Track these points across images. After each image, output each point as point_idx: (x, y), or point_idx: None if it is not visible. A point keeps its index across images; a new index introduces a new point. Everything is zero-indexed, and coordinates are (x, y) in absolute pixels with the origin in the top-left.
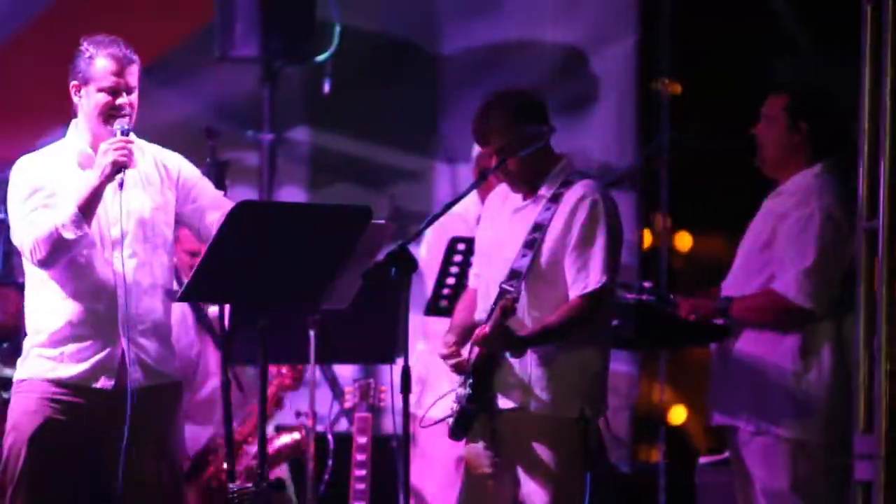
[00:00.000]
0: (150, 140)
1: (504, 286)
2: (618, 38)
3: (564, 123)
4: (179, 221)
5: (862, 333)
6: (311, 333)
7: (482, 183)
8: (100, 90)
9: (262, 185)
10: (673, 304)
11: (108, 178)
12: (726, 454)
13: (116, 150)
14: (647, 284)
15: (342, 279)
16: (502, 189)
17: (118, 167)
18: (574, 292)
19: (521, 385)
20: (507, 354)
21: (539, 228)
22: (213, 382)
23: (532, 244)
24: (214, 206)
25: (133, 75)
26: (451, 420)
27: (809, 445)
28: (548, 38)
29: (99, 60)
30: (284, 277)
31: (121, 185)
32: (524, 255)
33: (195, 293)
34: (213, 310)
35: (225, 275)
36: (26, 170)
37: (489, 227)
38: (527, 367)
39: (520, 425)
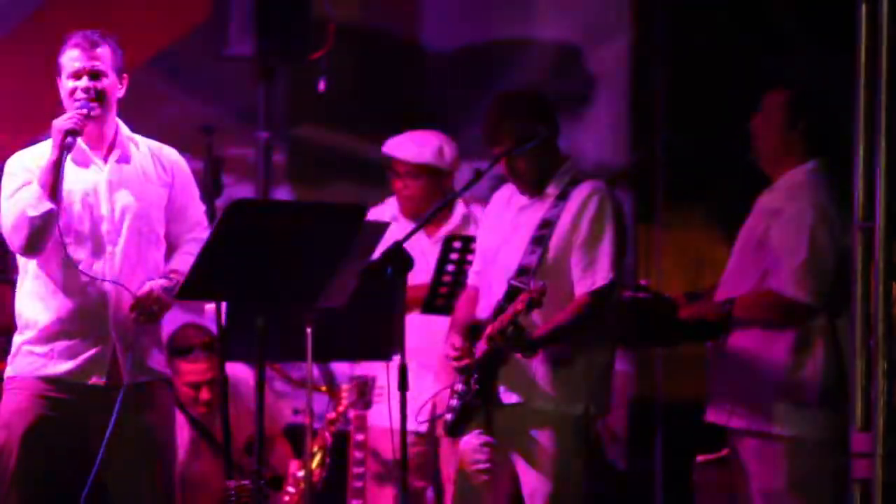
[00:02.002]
0: (151, 135)
1: (514, 283)
2: (613, 36)
3: (559, 122)
4: None
5: (859, 331)
6: (308, 331)
7: (477, 182)
8: (68, 77)
9: (258, 183)
10: (670, 303)
11: (62, 148)
12: (724, 452)
13: (66, 118)
14: (643, 282)
15: (338, 277)
16: (506, 189)
17: (67, 133)
18: (581, 289)
19: (525, 380)
20: (517, 354)
21: (547, 225)
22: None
23: (541, 240)
24: (186, 230)
25: (100, 59)
26: (449, 416)
27: (804, 443)
28: (543, 35)
29: (67, 50)
30: (281, 276)
31: (69, 148)
32: (533, 252)
33: (191, 291)
34: (209, 307)
35: (221, 273)
36: (16, 165)
37: (493, 227)
38: (532, 362)
39: (522, 420)
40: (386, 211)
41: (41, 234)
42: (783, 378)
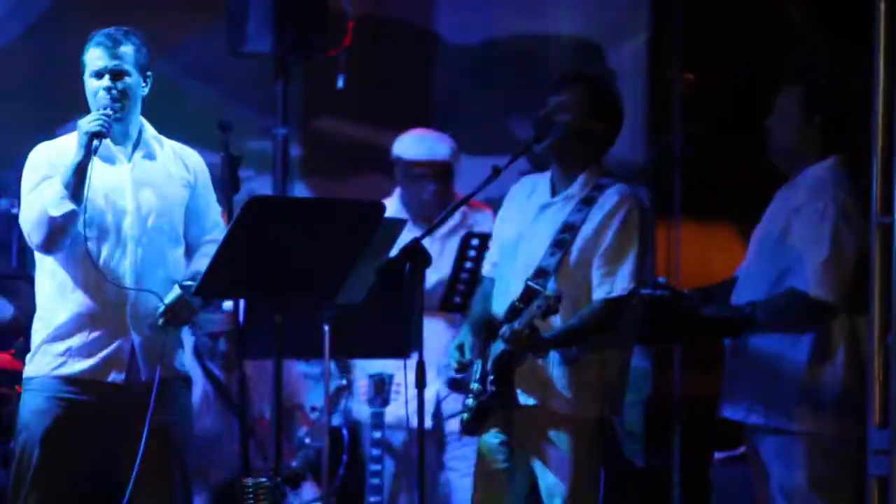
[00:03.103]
0: (171, 128)
1: (531, 284)
2: (631, 34)
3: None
4: None
5: (877, 328)
6: (326, 328)
7: (496, 178)
8: (91, 76)
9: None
10: (687, 300)
11: (87, 150)
12: (742, 449)
13: (92, 121)
14: (661, 280)
15: (356, 274)
16: (527, 183)
17: (93, 136)
18: (598, 295)
19: (542, 383)
20: (530, 354)
21: (570, 229)
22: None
23: (562, 244)
24: (204, 232)
25: (123, 58)
26: (465, 416)
27: (823, 440)
28: (563, 31)
29: (91, 48)
30: (298, 273)
31: (94, 151)
32: (553, 255)
33: (210, 288)
34: (227, 305)
35: (239, 270)
36: (39, 158)
37: (512, 220)
38: (548, 365)
39: (539, 422)
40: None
41: (61, 233)
42: (803, 375)
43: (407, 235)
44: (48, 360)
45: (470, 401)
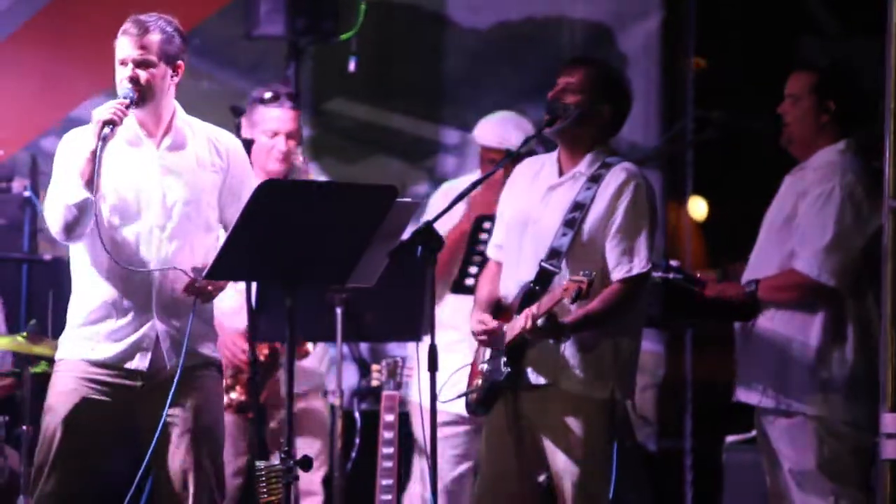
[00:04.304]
0: (184, 109)
1: (545, 265)
2: (643, 17)
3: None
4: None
5: (889, 311)
6: (338, 311)
7: (510, 160)
8: (118, 64)
9: None
10: (699, 283)
11: (99, 138)
12: (753, 433)
13: (104, 110)
14: (673, 263)
15: (368, 258)
16: (532, 163)
17: (105, 124)
18: (617, 275)
19: (553, 362)
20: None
21: (579, 207)
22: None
23: (572, 223)
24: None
25: (147, 47)
26: (474, 395)
27: (834, 424)
28: (575, 14)
29: (119, 36)
30: (311, 256)
31: (105, 139)
32: (564, 234)
33: (222, 271)
34: (239, 287)
35: (251, 253)
36: (64, 147)
37: (518, 202)
38: (561, 346)
39: (549, 402)
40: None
41: (77, 222)
42: (813, 359)
43: None
44: (77, 343)
45: (479, 381)
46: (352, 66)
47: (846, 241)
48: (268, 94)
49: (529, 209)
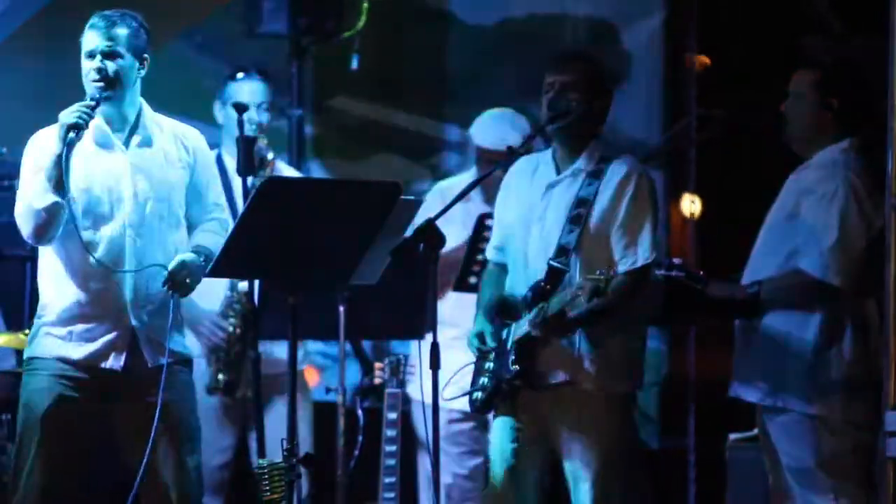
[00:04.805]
0: (187, 107)
1: (553, 263)
2: (647, 15)
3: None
4: None
5: (892, 309)
6: (341, 309)
7: (513, 158)
8: (84, 57)
9: (290, 159)
10: (702, 281)
11: (65, 143)
12: (756, 431)
13: (70, 113)
14: (676, 261)
15: (371, 255)
16: (525, 163)
17: (70, 129)
18: (621, 268)
19: (570, 360)
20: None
21: (584, 203)
22: None
23: (578, 219)
24: (206, 212)
25: (115, 39)
26: (478, 395)
27: (833, 422)
28: (578, 12)
29: (86, 30)
30: (313, 254)
31: (71, 143)
32: (571, 231)
33: (224, 269)
34: (243, 285)
35: (254, 251)
36: (32, 147)
37: (517, 201)
38: (575, 343)
39: (567, 400)
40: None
41: (47, 225)
42: (812, 357)
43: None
44: (50, 341)
45: (484, 380)
46: (354, 63)
47: (851, 241)
48: (239, 74)
49: (531, 209)
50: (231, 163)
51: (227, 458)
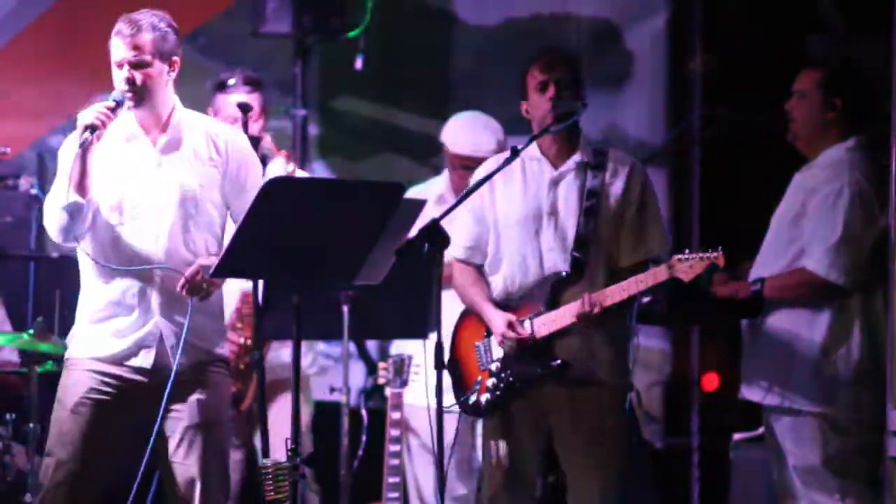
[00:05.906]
0: (191, 107)
1: (576, 254)
2: (650, 14)
3: (597, 99)
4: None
5: (895, 309)
6: (345, 309)
7: (514, 159)
8: (114, 65)
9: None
10: (706, 280)
11: (81, 142)
12: (761, 430)
13: (88, 114)
14: None
15: (375, 255)
16: (511, 161)
17: (86, 129)
18: (634, 259)
19: (587, 353)
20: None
21: (594, 194)
22: None
23: (591, 210)
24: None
25: (141, 47)
26: (485, 396)
27: (839, 421)
28: (582, 11)
29: (112, 36)
30: (317, 254)
31: (86, 143)
32: (587, 223)
33: (228, 269)
34: (247, 285)
35: (258, 251)
36: (63, 150)
37: (518, 199)
38: (592, 339)
39: (586, 394)
40: (433, 189)
41: (70, 225)
42: (818, 356)
43: None
44: (84, 341)
45: (491, 381)
46: (358, 63)
47: (856, 240)
48: (231, 80)
49: (539, 205)
50: None
51: (237, 458)
